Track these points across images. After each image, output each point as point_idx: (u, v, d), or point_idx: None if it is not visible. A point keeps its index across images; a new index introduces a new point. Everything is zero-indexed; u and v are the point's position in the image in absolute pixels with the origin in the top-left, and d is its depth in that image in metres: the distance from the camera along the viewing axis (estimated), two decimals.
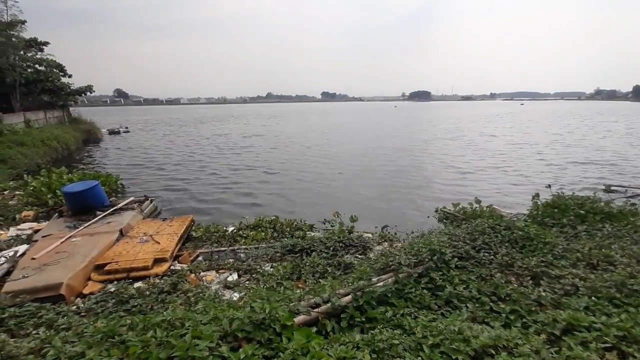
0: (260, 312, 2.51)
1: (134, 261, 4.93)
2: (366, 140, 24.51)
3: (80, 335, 2.89)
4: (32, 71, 21.68)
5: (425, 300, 3.32)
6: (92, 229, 6.08)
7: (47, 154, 16.08)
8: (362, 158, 17.14)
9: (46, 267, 4.60)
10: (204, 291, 4.16)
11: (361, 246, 5.55)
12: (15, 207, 7.87)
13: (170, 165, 16.38)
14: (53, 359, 2.35)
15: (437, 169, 14.52)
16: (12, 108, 19.32)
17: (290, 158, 17.32)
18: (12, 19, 20.25)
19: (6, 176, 11.17)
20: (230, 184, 12.40)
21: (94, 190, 7.16)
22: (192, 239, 6.33)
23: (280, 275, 4.42)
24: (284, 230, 6.55)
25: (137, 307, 3.74)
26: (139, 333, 2.49)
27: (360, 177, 13.20)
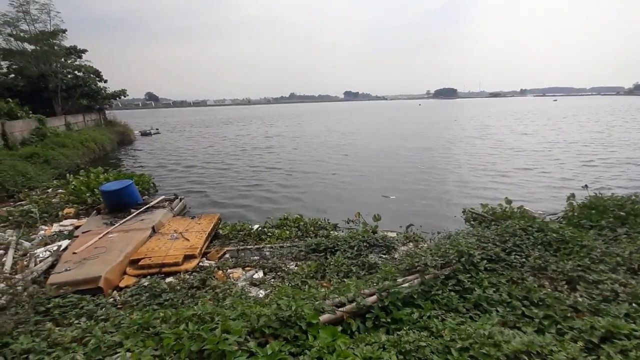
0: (286, 310, 2.55)
1: (165, 257, 5.14)
2: (389, 140, 24.12)
3: (118, 326, 3.07)
4: (71, 77, 23.07)
5: (453, 302, 3.25)
6: (127, 226, 6.40)
7: (86, 155, 17.06)
8: (385, 158, 16.91)
9: (86, 261, 4.90)
10: (231, 288, 4.28)
11: (385, 246, 5.51)
12: (58, 205, 8.42)
13: (197, 165, 16.91)
14: (94, 347, 2.51)
15: (463, 169, 14.09)
16: (55, 112, 20.66)
17: (312, 158, 17.36)
18: (55, 28, 21.66)
19: (50, 176, 11.97)
20: (253, 183, 12.61)
21: (129, 189, 7.53)
22: (219, 236, 6.52)
23: (304, 274, 4.47)
24: (307, 230, 6.61)
25: (169, 301, 3.90)
26: (171, 326, 2.60)
27: (383, 177, 13.04)
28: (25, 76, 20.21)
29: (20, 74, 20.48)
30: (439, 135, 26.80)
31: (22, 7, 20.41)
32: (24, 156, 12.62)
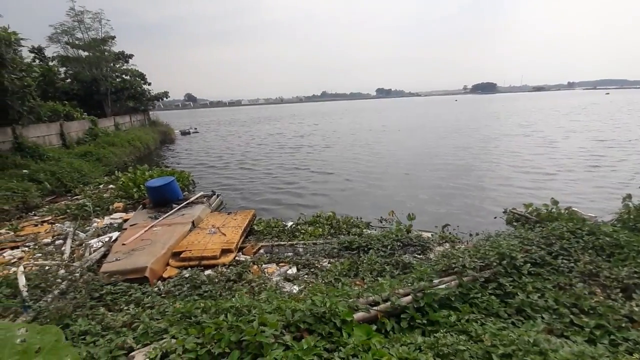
0: (320, 306, 2.58)
1: (204, 250, 5.38)
2: (423, 138, 23.37)
3: (163, 313, 3.27)
4: (120, 80, 24.75)
5: (493, 307, 3.11)
6: (170, 220, 6.77)
7: (132, 153, 18.25)
8: (419, 157, 16.43)
9: (134, 252, 5.25)
10: (266, 282, 4.40)
11: (420, 246, 5.39)
12: (108, 199, 9.10)
13: (230, 162, 17.48)
14: (142, 332, 2.69)
15: (504, 169, 13.34)
16: (105, 113, 22.29)
17: (342, 157, 17.26)
18: (105, 35, 23.35)
19: (101, 172, 12.95)
20: (284, 181, 12.78)
21: (171, 185, 7.97)
22: (254, 232, 6.71)
23: (338, 271, 4.48)
24: (340, 227, 6.62)
25: (208, 293, 4.09)
26: (211, 316, 2.73)
27: (417, 176, 12.71)
28: (80, 80, 21.97)
29: (76, 78, 22.28)
30: (477, 132, 25.51)
31: (77, 16, 22.21)
32: (79, 154, 13.74)
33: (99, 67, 22.69)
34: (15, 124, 11.48)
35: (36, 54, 21.34)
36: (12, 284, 4.31)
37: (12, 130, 11.35)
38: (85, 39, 22.77)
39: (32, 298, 3.93)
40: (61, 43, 22.48)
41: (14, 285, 4.26)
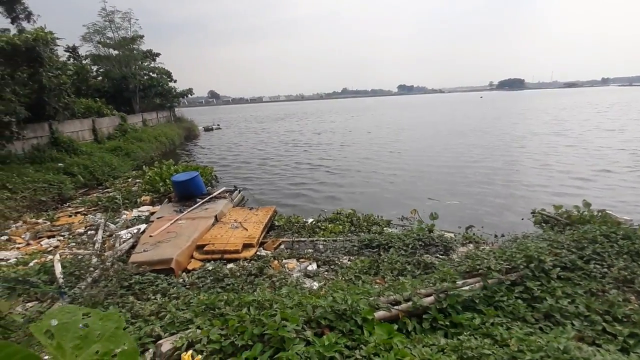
0: (341, 303, 2.59)
1: (226, 244, 5.51)
2: (446, 137, 22.66)
3: (188, 304, 3.37)
4: (147, 78, 25.60)
5: (520, 311, 3.02)
6: (194, 214, 6.96)
7: (159, 149, 18.88)
8: (441, 156, 15.99)
9: (160, 244, 5.44)
10: (287, 277, 4.45)
11: (442, 246, 5.28)
12: (136, 193, 9.47)
13: (251, 159, 17.72)
14: (169, 321, 2.79)
15: (532, 170, 12.76)
16: (133, 110, 23.13)
17: (361, 156, 17.04)
18: (134, 34, 24.17)
19: (130, 167, 13.49)
20: (303, 179, 12.77)
21: (195, 179, 8.19)
22: (275, 227, 6.79)
23: (358, 269, 4.47)
24: (360, 225, 6.60)
25: (231, 286, 4.19)
26: (234, 309, 2.80)
27: (439, 176, 12.40)
28: (110, 78, 22.88)
29: (107, 76, 23.23)
30: (503, 131, 24.48)
31: (108, 16, 23.09)
32: (109, 149, 14.35)
33: (128, 66, 23.53)
34: (52, 120, 12.12)
35: (70, 53, 22.40)
36: (50, 270, 4.58)
37: (49, 126, 11.99)
38: (115, 38, 23.68)
39: (67, 285, 4.17)
40: (93, 42, 23.48)
41: (51, 272, 4.53)
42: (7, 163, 9.40)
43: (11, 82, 9.50)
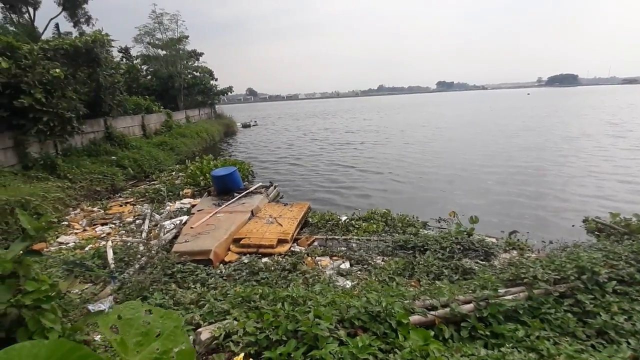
0: (376, 305, 2.55)
1: (262, 239, 5.64)
2: (488, 136, 21.42)
3: (225, 295, 3.50)
4: (191, 77, 26.88)
5: (569, 325, 2.80)
6: (231, 208, 7.22)
7: (200, 144, 19.77)
8: (484, 156, 15.16)
9: (200, 235, 5.71)
10: (320, 275, 4.48)
11: (483, 251, 5.03)
12: (179, 186, 10.00)
13: (286, 155, 17.96)
14: (208, 311, 2.92)
15: (585, 174, 11.65)
16: (178, 107, 24.41)
17: (398, 155, 16.51)
18: (180, 35, 25.45)
19: (174, 161, 14.27)
20: (337, 177, 12.68)
21: (233, 174, 8.48)
22: (309, 224, 6.86)
23: (392, 270, 4.39)
24: (395, 225, 6.47)
25: (265, 280, 4.29)
26: (269, 303, 2.86)
27: (481, 177, 11.79)
28: (158, 77, 24.31)
29: (155, 75, 24.70)
30: (553, 131, 22.51)
31: (157, 18, 24.50)
32: (156, 144, 15.26)
33: (175, 65, 24.83)
34: (107, 116, 13.12)
35: (123, 53, 24.09)
36: (102, 255, 4.98)
37: (104, 122, 12.99)
38: (163, 39, 25.07)
39: (117, 269, 4.50)
40: (144, 43, 25.05)
41: (104, 257, 4.92)
42: (68, 155, 10.32)
43: (73, 81, 10.39)
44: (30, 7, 22.80)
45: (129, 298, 3.60)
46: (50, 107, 8.88)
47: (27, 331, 1.63)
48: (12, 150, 8.73)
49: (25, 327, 1.64)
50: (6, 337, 1.63)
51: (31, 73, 8.56)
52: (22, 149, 8.87)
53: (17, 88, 8.23)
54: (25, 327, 1.64)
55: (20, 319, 1.70)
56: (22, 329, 1.63)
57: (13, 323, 1.66)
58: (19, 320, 1.69)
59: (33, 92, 8.42)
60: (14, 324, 1.66)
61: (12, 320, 1.67)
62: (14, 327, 1.65)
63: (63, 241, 6.17)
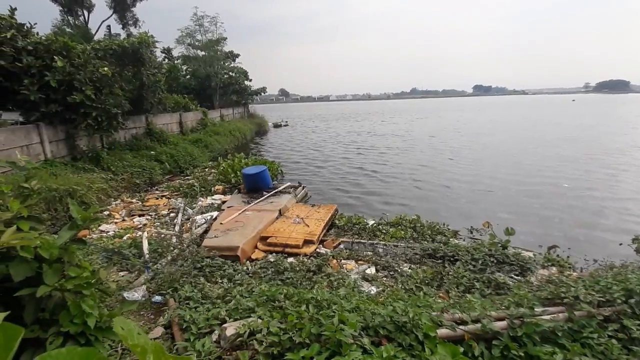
0: (402, 314, 2.48)
1: (288, 239, 5.69)
2: (526, 145, 19.84)
3: (250, 292, 3.55)
4: (227, 77, 27.75)
5: (613, 353, 2.58)
6: (260, 206, 7.35)
7: (232, 142, 20.35)
8: (519, 166, 14.21)
9: (229, 231, 5.85)
10: (344, 278, 4.44)
11: (518, 265, 4.77)
12: (211, 182, 10.33)
13: (314, 157, 17.97)
14: (234, 307, 2.97)
15: (636, 191, 10.75)
16: (213, 106, 25.29)
17: (425, 162, 15.79)
18: (218, 37, 26.37)
19: (207, 158, 14.78)
20: (362, 181, 12.37)
21: (264, 173, 8.64)
22: (335, 226, 6.82)
23: (419, 279, 4.27)
24: (424, 233, 6.29)
25: (290, 280, 4.31)
26: (294, 304, 2.86)
27: (516, 187, 11.16)
28: (196, 77, 25.32)
29: (193, 75, 25.74)
30: (601, 142, 20.50)
31: (198, 21, 25.55)
32: (192, 141, 15.88)
33: (212, 65, 25.74)
34: (148, 113, 13.83)
35: (166, 54, 25.33)
36: (138, 245, 5.23)
37: (145, 118, 13.71)
38: (203, 40, 26.07)
39: (151, 260, 4.71)
40: (184, 44, 26.19)
41: (140, 247, 5.17)
42: (112, 149, 10.98)
43: (119, 80, 11.04)
44: (85, 10, 24.61)
45: (160, 288, 3.76)
46: (99, 103, 9.49)
47: (68, 314, 1.73)
48: (64, 142, 9.42)
49: (67, 310, 1.75)
50: (50, 319, 1.75)
51: (83, 71, 9.20)
52: (72, 141, 9.55)
53: (70, 85, 8.87)
54: (67, 310, 1.75)
55: (63, 302, 1.81)
56: (64, 312, 1.74)
57: (57, 306, 1.77)
58: (62, 304, 1.80)
59: (84, 89, 9.04)
60: (58, 306, 1.77)
61: (56, 303, 1.79)
62: (58, 310, 1.76)
63: (104, 229, 6.56)
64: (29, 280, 1.65)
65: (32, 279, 1.66)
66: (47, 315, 1.75)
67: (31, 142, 8.33)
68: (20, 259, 1.58)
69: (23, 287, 1.64)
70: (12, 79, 8.34)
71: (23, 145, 8.07)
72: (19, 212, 1.74)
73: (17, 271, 1.57)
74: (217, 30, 26.18)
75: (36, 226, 1.87)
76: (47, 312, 1.76)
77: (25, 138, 8.18)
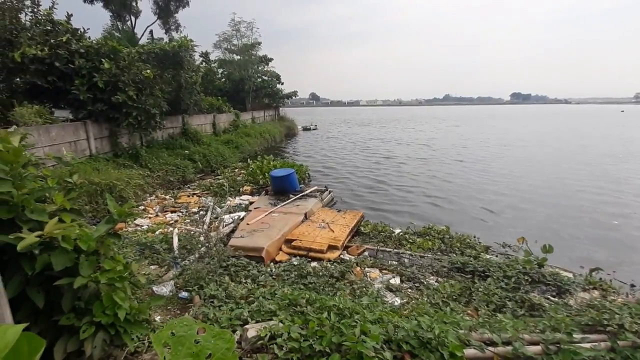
0: (427, 330, 2.39)
1: (312, 243, 5.69)
2: (565, 159, 18.33)
3: (273, 294, 3.56)
4: (260, 80, 28.44)
5: None
6: (286, 209, 7.41)
7: (262, 144, 20.78)
8: (555, 182, 13.06)
9: (255, 232, 5.94)
10: (368, 287, 4.36)
11: (555, 286, 4.46)
12: (240, 182, 10.58)
13: (340, 161, 17.84)
14: (256, 309, 2.99)
15: None
16: (245, 108, 25.98)
17: (455, 173, 15.10)
18: (253, 41, 27.13)
19: (237, 159, 15.18)
20: (391, 190, 12.03)
21: (291, 176, 8.72)
22: (360, 233, 6.74)
23: (446, 293, 4.10)
24: (453, 245, 6.05)
25: (312, 285, 4.29)
26: (315, 310, 2.84)
27: (553, 203, 10.43)
28: (231, 80, 26.15)
29: (228, 78, 26.61)
30: None
31: (235, 26, 26.44)
32: (223, 141, 16.38)
33: (246, 69, 26.49)
34: (184, 114, 14.44)
35: (203, 58, 26.39)
36: (169, 241, 5.43)
37: (182, 119, 14.32)
38: (238, 45, 26.92)
39: (180, 256, 4.87)
40: (221, 49, 27.18)
41: (170, 242, 5.37)
42: (150, 147, 11.56)
43: (159, 81, 11.63)
44: (133, 16, 26.19)
45: (187, 285, 3.87)
46: (140, 104, 10.04)
47: (101, 305, 1.82)
48: (107, 139, 10.04)
49: (100, 301, 1.83)
50: (85, 308, 1.84)
51: (127, 73, 9.78)
52: (115, 138, 10.15)
53: (115, 86, 9.46)
54: (100, 301, 1.83)
55: (98, 293, 1.91)
56: (97, 303, 1.83)
57: (91, 296, 1.86)
58: (96, 294, 1.90)
59: (127, 90, 9.60)
60: (92, 297, 1.86)
61: (91, 294, 1.88)
62: (92, 300, 1.85)
63: (139, 223, 6.89)
64: (69, 270, 1.74)
65: (72, 269, 1.76)
66: (83, 305, 1.85)
67: (79, 138, 8.94)
68: (61, 250, 1.67)
69: (63, 276, 1.74)
70: (65, 79, 9.02)
71: (71, 141, 8.67)
72: (62, 204, 1.85)
73: (58, 261, 1.67)
74: (253, 35, 26.97)
75: (77, 218, 1.98)
76: (82, 302, 1.85)
77: (74, 134, 8.79)
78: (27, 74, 8.48)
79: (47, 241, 1.68)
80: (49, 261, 1.65)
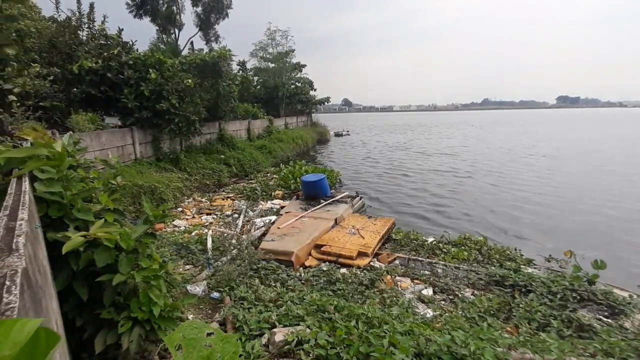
0: (461, 346, 2.26)
1: (342, 249, 5.63)
2: (618, 172, 16.59)
3: (301, 299, 3.56)
4: (294, 87, 28.98)
5: None
6: (316, 214, 7.42)
7: (294, 149, 21.07)
8: (603, 196, 11.93)
9: (285, 236, 6.00)
10: (398, 296, 4.22)
11: (608, 306, 4.06)
12: (272, 187, 10.78)
13: (375, 168, 17.57)
14: (284, 313, 3.00)
15: None
16: (279, 114, 26.55)
17: (495, 180, 14.27)
18: (287, 49, 27.75)
19: (270, 163, 15.50)
20: (427, 198, 11.51)
21: (322, 181, 8.74)
22: (391, 241, 6.58)
23: (483, 307, 3.87)
24: (491, 256, 5.73)
25: (341, 292, 4.24)
26: (343, 318, 2.79)
27: (602, 220, 9.54)
28: (266, 87, 26.89)
29: (263, 85, 27.39)
30: None
31: (271, 35, 27.23)
32: (257, 147, 16.81)
33: (280, 76, 27.12)
34: (221, 120, 15.02)
35: (240, 66, 27.40)
36: (204, 242, 5.63)
37: (218, 125, 14.91)
38: (274, 53, 27.66)
39: (213, 257, 5.03)
40: (257, 57, 28.07)
41: (204, 243, 5.56)
42: (189, 152, 12.13)
43: (199, 90, 12.22)
44: (176, 29, 27.85)
45: (219, 285, 3.98)
46: (181, 111, 10.60)
47: (138, 302, 1.91)
48: (150, 145, 10.67)
49: (137, 298, 1.92)
50: (124, 303, 1.94)
51: (171, 82, 10.38)
52: (157, 144, 10.77)
53: (159, 94, 10.07)
54: (138, 298, 1.92)
55: (135, 289, 2.00)
56: (134, 299, 1.92)
57: (130, 292, 1.96)
58: (134, 291, 1.99)
59: (170, 98, 10.18)
60: (130, 293, 1.96)
61: (130, 290, 1.98)
62: (130, 296, 1.95)
63: (177, 224, 7.22)
64: (111, 266, 1.85)
65: (114, 266, 1.87)
66: (122, 300, 1.95)
67: (125, 143, 9.58)
68: (104, 247, 1.78)
69: (105, 272, 1.85)
70: (115, 88, 9.74)
71: (119, 146, 9.31)
72: (106, 204, 1.98)
73: (101, 258, 1.77)
74: (287, 43, 27.59)
75: (119, 218, 2.10)
76: (122, 297, 1.96)
77: (121, 139, 9.44)
78: (82, 85, 9.26)
79: (91, 240, 1.79)
80: (92, 258, 1.76)
